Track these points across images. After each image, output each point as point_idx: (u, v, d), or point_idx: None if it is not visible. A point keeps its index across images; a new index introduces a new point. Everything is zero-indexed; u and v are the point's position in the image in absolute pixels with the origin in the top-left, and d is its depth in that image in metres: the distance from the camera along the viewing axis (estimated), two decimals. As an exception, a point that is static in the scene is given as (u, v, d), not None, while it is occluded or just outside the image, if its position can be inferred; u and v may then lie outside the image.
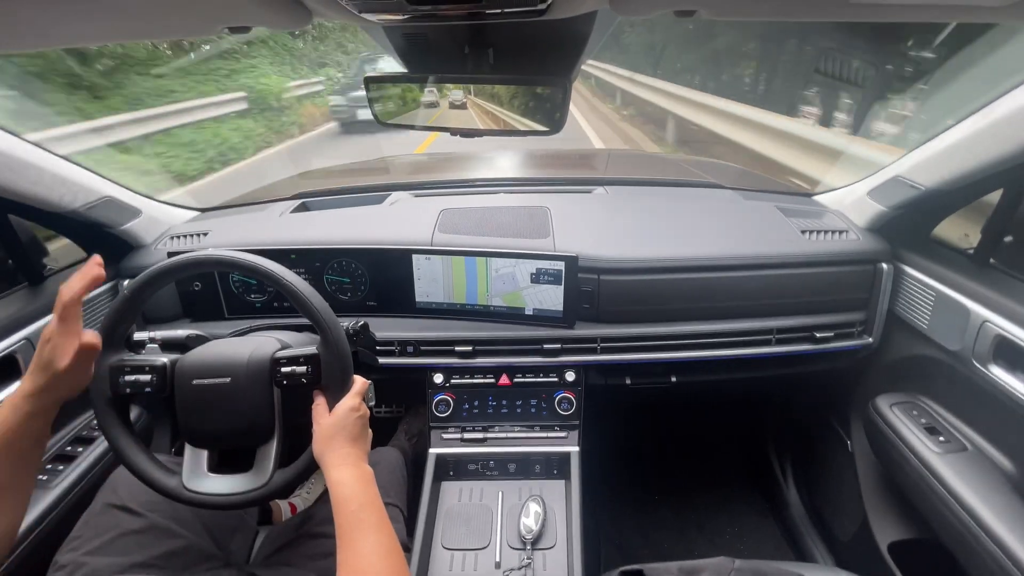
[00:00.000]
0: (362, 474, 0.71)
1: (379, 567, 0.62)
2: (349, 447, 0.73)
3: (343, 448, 0.73)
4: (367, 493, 0.69)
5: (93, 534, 0.84)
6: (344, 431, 0.74)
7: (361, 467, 0.72)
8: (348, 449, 0.73)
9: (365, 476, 0.71)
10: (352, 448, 0.73)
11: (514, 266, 1.11)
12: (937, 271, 1.08)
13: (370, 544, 0.64)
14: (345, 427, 0.74)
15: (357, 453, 0.73)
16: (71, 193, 1.09)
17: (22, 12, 0.46)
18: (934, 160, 1.01)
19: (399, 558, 0.65)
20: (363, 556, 0.63)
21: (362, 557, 0.63)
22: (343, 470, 0.70)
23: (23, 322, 1.05)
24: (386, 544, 0.65)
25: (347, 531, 0.65)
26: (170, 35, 0.99)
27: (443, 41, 0.73)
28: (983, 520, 0.86)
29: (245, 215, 1.44)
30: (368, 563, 0.62)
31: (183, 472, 0.78)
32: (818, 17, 0.58)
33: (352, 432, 0.74)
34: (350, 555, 0.63)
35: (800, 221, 1.25)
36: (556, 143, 4.07)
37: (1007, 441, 0.96)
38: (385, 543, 0.65)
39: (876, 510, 1.23)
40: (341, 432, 0.74)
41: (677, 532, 1.57)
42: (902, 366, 1.20)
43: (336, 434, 0.74)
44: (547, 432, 1.13)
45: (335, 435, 0.73)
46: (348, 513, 0.66)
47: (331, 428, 0.74)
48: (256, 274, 0.79)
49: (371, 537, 0.64)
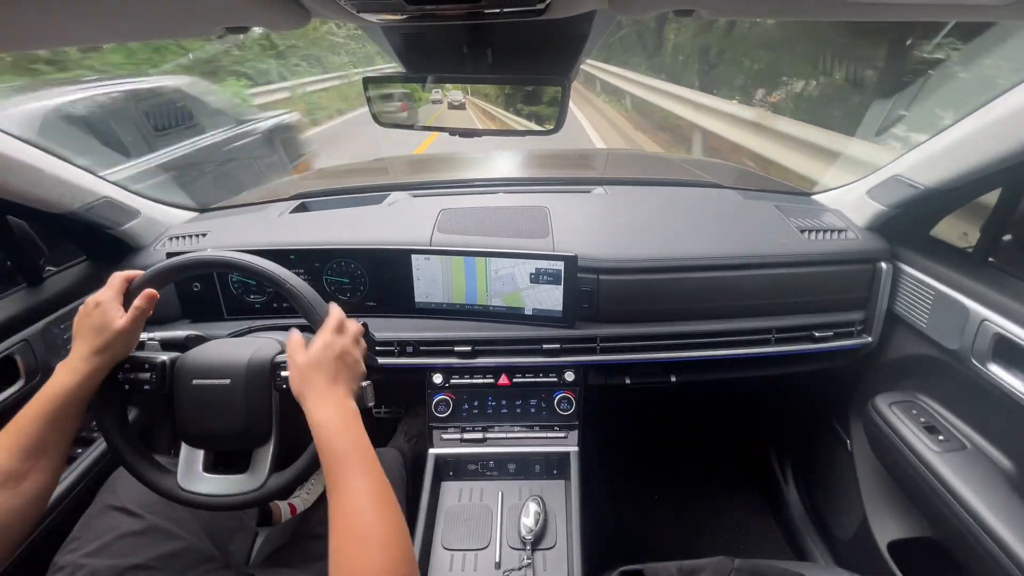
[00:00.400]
0: (345, 413, 0.67)
1: (371, 510, 0.59)
2: (328, 386, 0.68)
3: (321, 387, 0.68)
4: (351, 432, 0.65)
5: (92, 536, 0.83)
6: (320, 369, 0.69)
7: (344, 405, 0.68)
8: (327, 388, 0.68)
9: (348, 415, 0.67)
10: (332, 387, 0.69)
11: (513, 267, 1.11)
12: (936, 270, 1.08)
13: (359, 485, 0.60)
14: (321, 365, 0.69)
15: (339, 391, 0.69)
16: (69, 194, 1.09)
17: (21, 12, 0.46)
18: (933, 159, 1.01)
19: (390, 499, 0.61)
20: (353, 499, 0.59)
21: (352, 500, 0.59)
22: (323, 411, 0.66)
23: (21, 323, 1.04)
24: (375, 485, 0.61)
25: (334, 474, 0.62)
26: (168, 36, 0.99)
27: (442, 41, 0.73)
28: (982, 519, 0.87)
29: (244, 216, 1.44)
30: (360, 506, 0.59)
31: (178, 471, 0.78)
32: (818, 17, 0.58)
33: (330, 370, 0.69)
34: (339, 499, 0.60)
35: (799, 220, 1.26)
36: (556, 143, 4.08)
37: (1006, 439, 0.96)
38: (375, 484, 0.61)
39: (875, 509, 1.23)
40: (316, 371, 0.69)
41: (677, 531, 1.57)
42: (901, 365, 1.20)
43: (311, 374, 0.69)
44: (547, 432, 1.13)
45: (311, 375, 0.69)
46: (332, 455, 0.63)
47: (306, 368, 0.70)
48: (255, 275, 0.79)
49: (359, 479, 0.61)
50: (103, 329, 0.72)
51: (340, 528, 0.58)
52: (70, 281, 1.18)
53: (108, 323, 0.72)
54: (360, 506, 0.59)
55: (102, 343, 0.71)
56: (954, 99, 2.89)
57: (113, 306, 0.73)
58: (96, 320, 0.72)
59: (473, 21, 0.59)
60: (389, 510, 0.60)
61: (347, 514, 0.59)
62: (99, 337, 0.71)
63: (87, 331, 0.72)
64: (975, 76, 2.69)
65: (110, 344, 0.72)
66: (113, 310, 0.73)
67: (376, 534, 0.57)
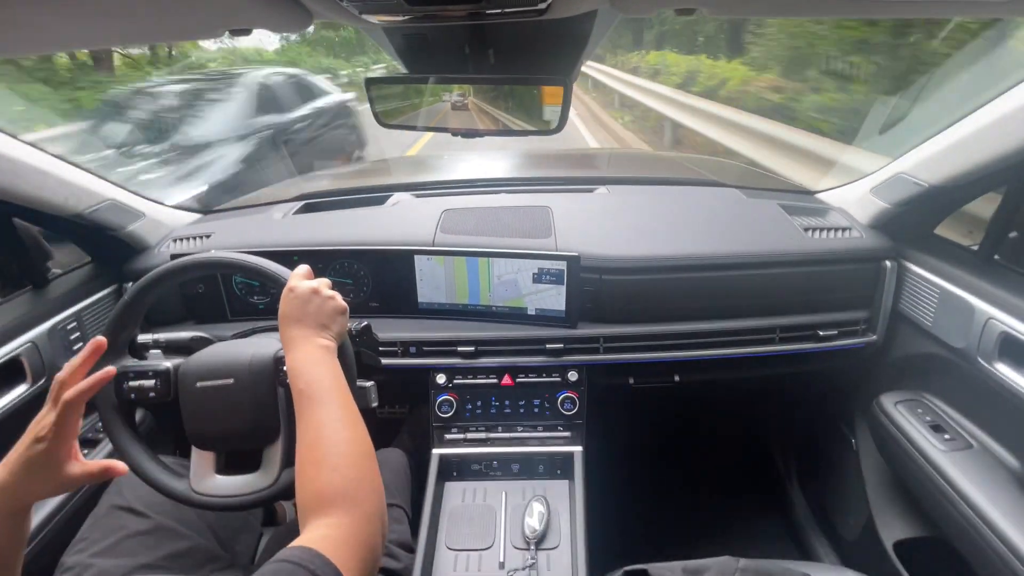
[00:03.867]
0: (310, 351, 0.68)
1: (330, 435, 0.60)
2: (295, 330, 0.70)
3: (290, 335, 0.69)
4: (315, 368, 0.66)
5: (99, 536, 0.84)
6: (287, 318, 0.71)
7: (310, 343, 0.68)
8: (294, 332, 0.69)
9: (312, 353, 0.68)
10: (300, 330, 0.70)
11: (516, 272, 1.11)
12: (941, 268, 1.08)
13: (320, 415, 0.61)
14: (286, 314, 0.71)
15: (304, 333, 0.69)
16: (75, 196, 1.09)
17: (23, 15, 0.47)
18: (938, 157, 1.00)
19: (352, 424, 0.62)
20: (313, 428, 0.60)
21: (312, 429, 0.60)
22: (291, 357, 0.68)
23: (27, 325, 1.05)
24: (335, 412, 0.62)
25: (298, 411, 0.63)
26: (172, 38, 0.99)
27: (443, 42, 0.73)
28: (989, 518, 0.86)
29: (248, 217, 1.45)
30: (319, 434, 0.60)
31: (191, 475, 0.78)
32: (819, 14, 0.58)
33: (294, 315, 0.70)
34: (302, 431, 0.61)
35: (803, 219, 1.25)
36: (557, 143, 4.07)
37: (1012, 438, 0.96)
38: (337, 412, 0.62)
39: (881, 509, 1.22)
40: (285, 320, 0.71)
41: (681, 531, 1.56)
42: (906, 364, 1.19)
43: (283, 330, 0.71)
44: (550, 432, 1.13)
45: (283, 331, 0.71)
46: (297, 394, 0.64)
47: (282, 322, 0.71)
48: (258, 275, 0.80)
49: (321, 409, 0.62)
50: (33, 467, 0.60)
51: (301, 456, 0.60)
52: (75, 283, 1.19)
53: (46, 467, 0.60)
54: (318, 433, 0.60)
55: (26, 482, 0.60)
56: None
57: (56, 447, 0.60)
58: (35, 456, 0.60)
59: (474, 22, 0.59)
60: (345, 432, 0.61)
61: (308, 443, 0.60)
62: (26, 473, 0.60)
63: (17, 459, 0.60)
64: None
65: (35, 488, 0.61)
66: (56, 454, 0.60)
67: (334, 456, 0.58)
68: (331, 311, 0.73)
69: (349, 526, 0.53)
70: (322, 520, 0.53)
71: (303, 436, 0.61)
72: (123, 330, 0.80)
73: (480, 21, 0.59)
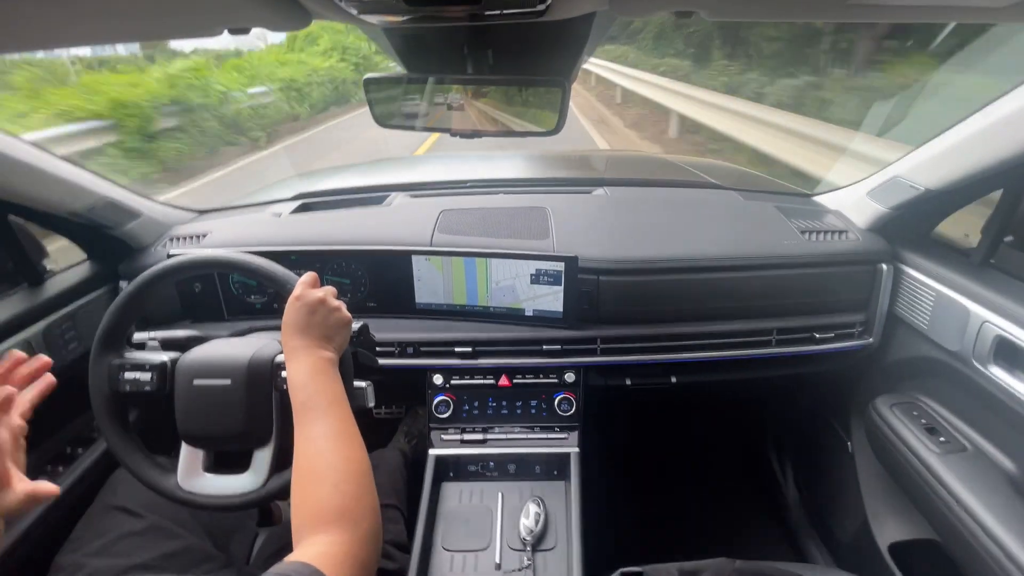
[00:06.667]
0: (312, 363, 0.68)
1: (327, 450, 0.60)
2: (298, 340, 0.70)
3: (292, 342, 0.70)
4: (316, 381, 0.66)
5: (93, 535, 0.84)
6: (290, 327, 0.71)
7: (313, 355, 0.69)
8: (297, 342, 0.70)
9: (314, 365, 0.68)
10: (302, 340, 0.70)
11: (514, 278, 1.11)
12: (937, 271, 1.08)
13: (318, 429, 0.62)
14: (290, 323, 0.71)
15: (307, 344, 0.70)
16: (71, 194, 1.09)
17: (22, 13, 0.46)
18: (934, 160, 1.01)
19: (350, 440, 0.63)
20: (311, 443, 0.61)
21: (311, 444, 0.61)
22: (291, 369, 0.68)
23: (22, 323, 1.04)
24: (336, 427, 0.63)
25: (298, 424, 0.63)
26: (170, 36, 0.99)
27: (442, 42, 0.73)
28: (983, 521, 0.86)
29: (245, 216, 1.44)
30: (317, 447, 0.60)
31: (179, 471, 0.78)
32: (817, 18, 0.58)
33: (299, 324, 0.70)
34: (300, 445, 0.62)
35: (800, 221, 1.25)
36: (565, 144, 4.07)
37: (1007, 441, 0.96)
38: (335, 426, 0.63)
39: (876, 511, 1.23)
40: (289, 329, 0.71)
41: (677, 533, 1.56)
42: (902, 366, 1.20)
43: (285, 340, 0.71)
44: (547, 433, 1.13)
45: (286, 335, 0.71)
46: (296, 406, 0.64)
47: (284, 331, 0.71)
48: (265, 278, 0.79)
49: (320, 422, 0.63)
50: None
51: (300, 469, 0.60)
52: (71, 281, 1.18)
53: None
54: (317, 447, 0.61)
55: None
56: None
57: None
58: None
59: (473, 23, 0.59)
60: (346, 450, 0.61)
61: (307, 457, 0.60)
62: None
63: None
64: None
65: None
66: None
67: (332, 472, 0.59)
68: (335, 323, 0.73)
69: (348, 545, 0.53)
70: (320, 536, 0.53)
71: (302, 449, 0.61)
72: (123, 322, 0.80)
73: (479, 22, 0.59)
